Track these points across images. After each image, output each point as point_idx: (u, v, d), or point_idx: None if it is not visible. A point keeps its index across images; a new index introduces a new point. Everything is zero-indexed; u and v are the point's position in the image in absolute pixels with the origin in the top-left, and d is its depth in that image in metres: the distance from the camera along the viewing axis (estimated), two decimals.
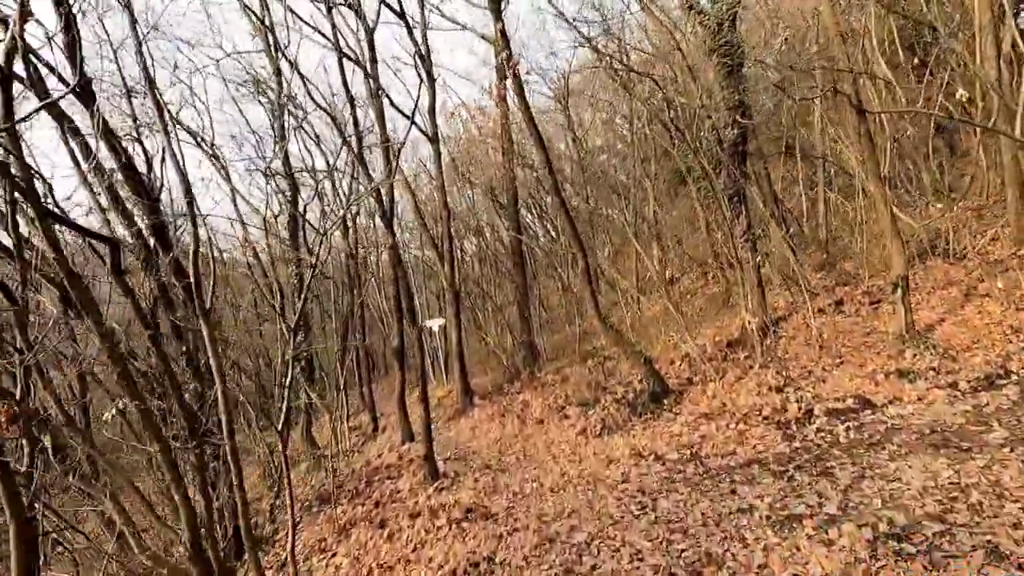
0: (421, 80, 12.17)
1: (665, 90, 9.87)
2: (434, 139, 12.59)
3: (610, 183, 20.64)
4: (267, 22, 11.11)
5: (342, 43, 10.55)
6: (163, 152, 13.39)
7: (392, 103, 10.31)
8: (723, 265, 15.17)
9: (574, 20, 12.21)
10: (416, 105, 11.22)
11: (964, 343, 6.23)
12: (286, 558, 5.87)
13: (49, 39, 6.05)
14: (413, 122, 9.58)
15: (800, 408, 6.23)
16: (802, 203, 13.36)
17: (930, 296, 7.96)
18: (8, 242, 5.42)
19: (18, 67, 5.12)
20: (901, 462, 4.44)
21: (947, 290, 7.90)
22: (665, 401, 7.90)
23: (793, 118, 15.98)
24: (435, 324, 17.15)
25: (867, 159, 6.49)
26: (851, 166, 11.90)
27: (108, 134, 6.99)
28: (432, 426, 14.32)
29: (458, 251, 18.46)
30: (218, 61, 11.68)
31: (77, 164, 6.40)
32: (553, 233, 21.64)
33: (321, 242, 5.77)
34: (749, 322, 7.74)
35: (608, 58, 13.93)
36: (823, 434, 5.54)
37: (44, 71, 6.24)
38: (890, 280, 6.70)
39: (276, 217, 12.32)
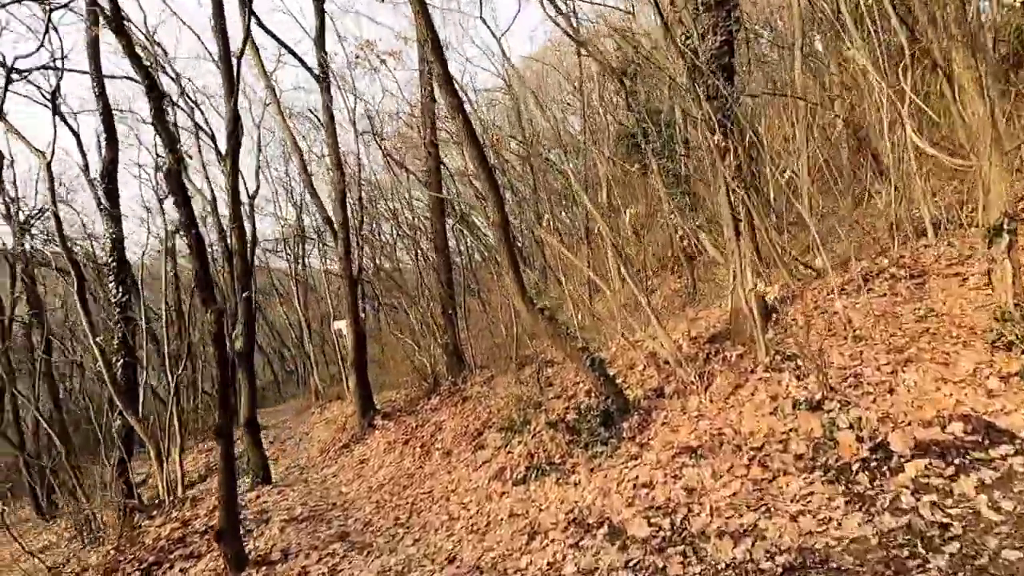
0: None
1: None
2: (322, 77, 9.52)
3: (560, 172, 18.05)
4: None
5: None
6: None
7: None
8: (690, 255, 12.74)
9: None
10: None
11: None
12: None
13: None
14: (259, 17, 6.47)
15: (863, 440, 3.50)
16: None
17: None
18: None
19: None
20: None
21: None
22: (625, 425, 5.06)
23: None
24: (344, 325, 13.95)
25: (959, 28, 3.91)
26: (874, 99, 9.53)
27: None
28: (330, 451, 11.08)
29: (360, 228, 15.21)
30: None
31: None
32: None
33: None
34: (759, 296, 5.05)
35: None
36: (936, 496, 2.79)
37: None
38: (988, 225, 4.10)
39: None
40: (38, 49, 8.29)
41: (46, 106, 11.52)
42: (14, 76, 7.73)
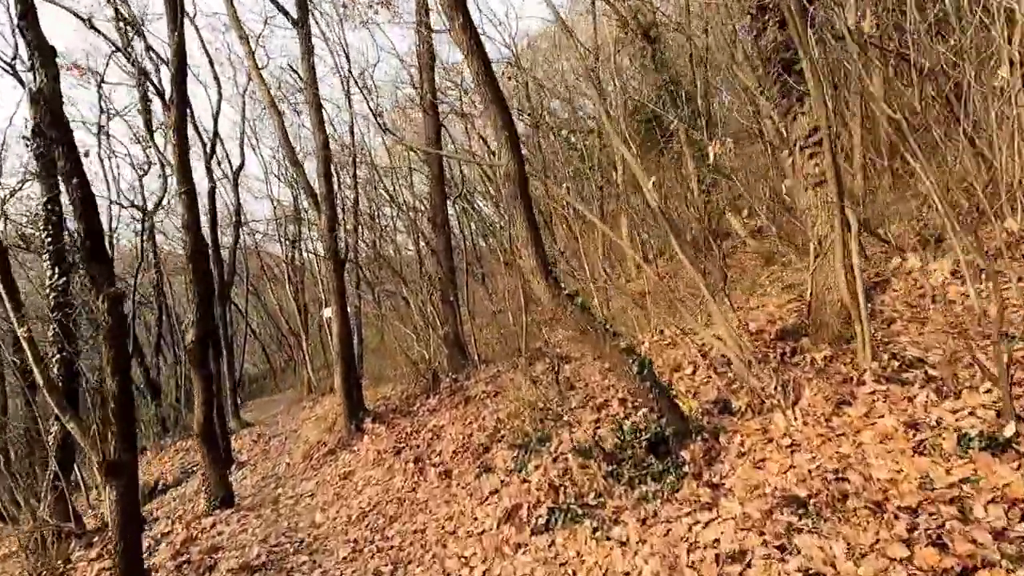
0: None
1: None
2: (300, 20, 8.08)
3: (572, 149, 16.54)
4: None
5: None
6: None
7: None
8: (719, 234, 11.38)
9: None
10: None
11: None
12: None
13: None
14: None
15: None
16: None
17: None
18: None
19: None
20: None
21: None
22: (684, 454, 3.70)
23: None
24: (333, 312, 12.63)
25: None
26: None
27: None
28: (314, 457, 9.75)
29: (356, 206, 13.88)
30: None
31: None
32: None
33: None
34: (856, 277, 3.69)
35: None
36: None
37: None
38: None
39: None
40: None
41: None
42: None
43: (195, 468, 11.87)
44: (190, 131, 14.95)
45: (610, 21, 14.21)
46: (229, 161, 15.61)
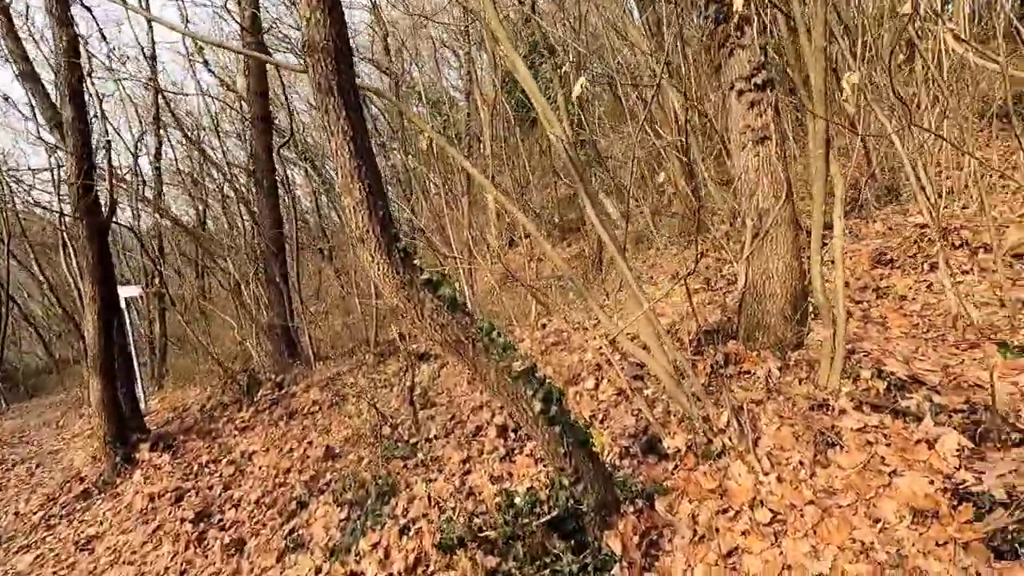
0: None
1: None
2: None
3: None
4: None
5: None
6: None
7: None
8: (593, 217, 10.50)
9: None
10: None
11: None
12: None
13: None
14: None
15: None
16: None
17: None
18: None
19: None
20: None
21: None
22: (611, 541, 2.29)
23: None
24: (129, 293, 9.50)
25: None
26: None
27: None
28: (58, 502, 6.68)
29: (158, 157, 10.83)
30: None
31: None
32: None
33: None
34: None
35: None
36: None
37: None
38: None
39: None
40: None
41: None
42: None
43: None
44: None
45: None
46: None
